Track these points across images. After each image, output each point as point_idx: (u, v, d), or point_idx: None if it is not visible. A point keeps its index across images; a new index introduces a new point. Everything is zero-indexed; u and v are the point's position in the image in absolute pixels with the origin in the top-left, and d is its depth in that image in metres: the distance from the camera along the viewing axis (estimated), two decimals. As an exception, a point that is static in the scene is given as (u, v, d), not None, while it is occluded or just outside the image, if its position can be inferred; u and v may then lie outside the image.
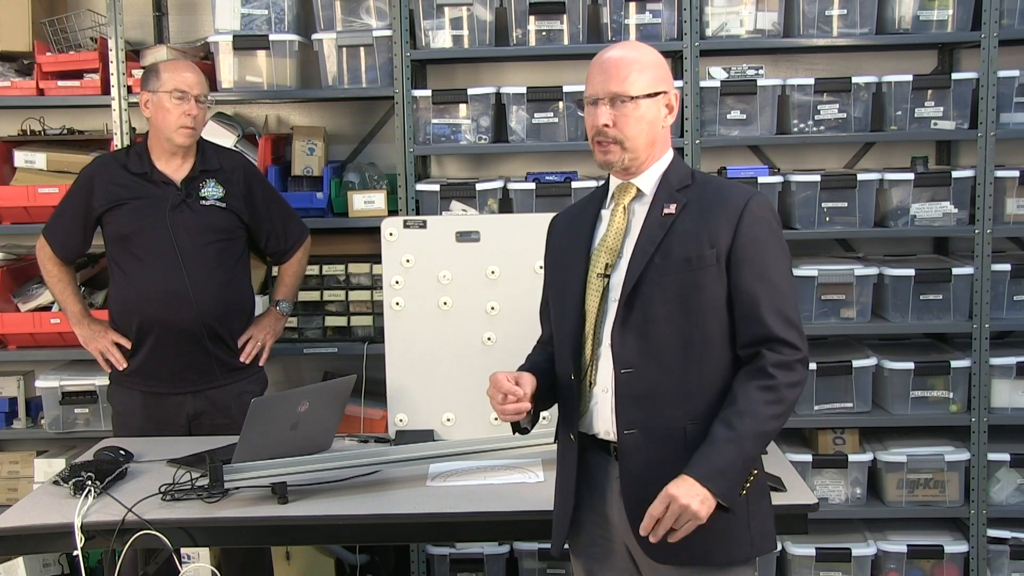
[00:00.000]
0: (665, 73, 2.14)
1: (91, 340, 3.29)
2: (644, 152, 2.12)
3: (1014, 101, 3.79)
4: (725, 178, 2.09)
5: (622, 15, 3.80)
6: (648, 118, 2.10)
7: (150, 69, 3.26)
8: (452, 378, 2.91)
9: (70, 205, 3.29)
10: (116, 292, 3.29)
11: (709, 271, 2.03)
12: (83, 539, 2.38)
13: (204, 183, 3.24)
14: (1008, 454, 3.85)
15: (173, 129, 3.17)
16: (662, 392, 2.05)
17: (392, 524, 2.46)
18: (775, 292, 2.03)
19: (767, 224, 2.06)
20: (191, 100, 3.16)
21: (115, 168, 3.25)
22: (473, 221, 2.96)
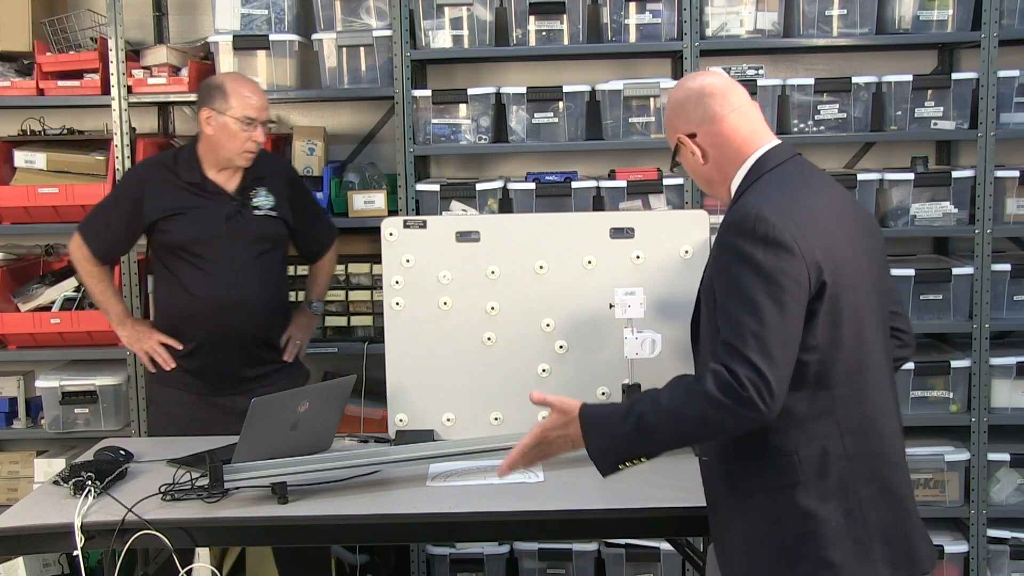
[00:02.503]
0: (671, 124, 2.11)
1: (135, 341, 3.30)
2: (712, 190, 2.14)
3: (1014, 101, 3.79)
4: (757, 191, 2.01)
5: (622, 15, 3.80)
6: (690, 169, 2.14)
7: (214, 86, 3.20)
8: (452, 378, 2.91)
9: (116, 208, 3.28)
10: (167, 297, 3.29)
11: (713, 301, 1.99)
12: (83, 539, 2.38)
13: (255, 192, 3.26)
14: (1008, 454, 3.85)
15: (236, 153, 3.18)
16: None
17: (392, 524, 2.46)
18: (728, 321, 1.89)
19: (730, 250, 1.92)
20: (258, 127, 3.17)
21: (165, 175, 3.24)
22: (473, 221, 2.96)
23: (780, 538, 1.97)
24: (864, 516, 1.96)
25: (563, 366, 2.90)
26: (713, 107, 2.06)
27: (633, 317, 2.68)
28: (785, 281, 1.87)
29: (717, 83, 2.08)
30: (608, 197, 3.82)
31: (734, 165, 2.06)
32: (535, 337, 2.90)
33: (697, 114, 2.07)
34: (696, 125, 2.07)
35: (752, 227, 1.90)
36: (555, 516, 2.45)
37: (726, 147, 2.06)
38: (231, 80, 3.22)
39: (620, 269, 2.87)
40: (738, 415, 1.84)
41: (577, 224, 2.93)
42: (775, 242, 1.88)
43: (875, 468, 1.99)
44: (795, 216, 1.92)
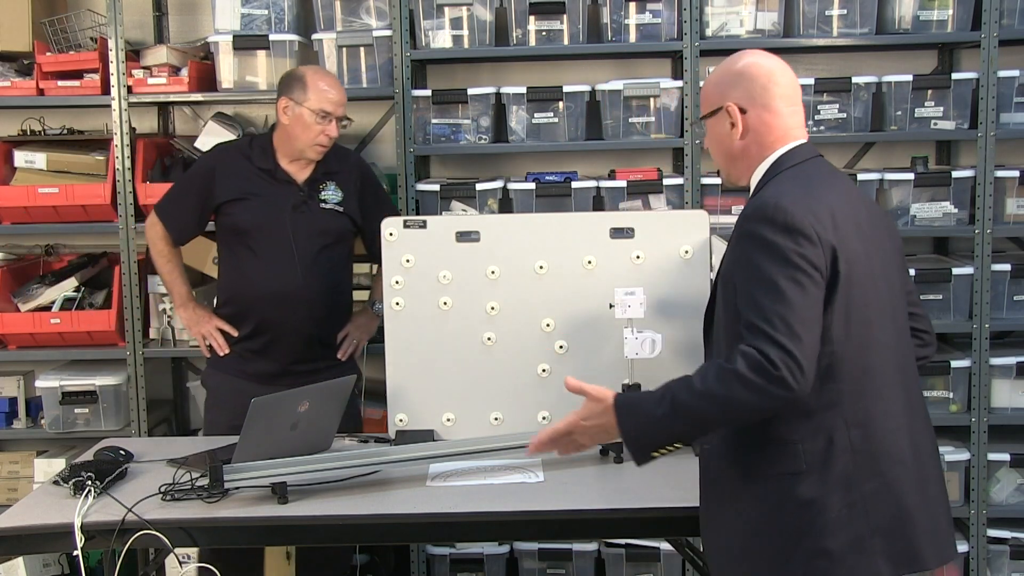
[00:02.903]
0: (722, 90, 2.12)
1: (195, 324, 3.34)
2: (728, 167, 2.18)
3: (1014, 101, 3.78)
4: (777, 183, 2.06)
5: (622, 15, 3.80)
6: (714, 138, 2.16)
7: (295, 77, 3.23)
8: (452, 378, 2.91)
9: (190, 189, 3.33)
10: (227, 282, 3.34)
11: (732, 290, 2.02)
12: (83, 539, 2.38)
13: (324, 185, 3.28)
14: (1008, 454, 3.85)
15: (308, 145, 3.20)
16: None
17: (392, 524, 2.46)
18: (752, 305, 1.93)
19: (750, 237, 1.96)
20: (333, 121, 3.18)
21: (239, 159, 3.28)
22: (473, 221, 2.96)
23: (779, 525, 1.99)
24: (865, 510, 1.97)
25: (563, 366, 2.89)
26: (774, 94, 2.10)
27: (633, 317, 2.68)
28: (805, 265, 1.91)
29: (786, 75, 2.13)
30: (608, 197, 3.82)
31: (761, 155, 2.11)
32: (535, 337, 2.90)
33: (757, 93, 2.09)
34: (750, 102, 2.10)
35: (771, 215, 1.94)
36: (555, 516, 2.45)
37: (765, 135, 2.10)
38: (312, 72, 3.24)
39: (620, 269, 2.87)
40: (770, 394, 1.87)
41: (577, 224, 2.93)
42: (794, 229, 1.93)
43: (879, 464, 2.00)
44: (812, 208, 1.96)
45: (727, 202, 3.83)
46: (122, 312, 3.88)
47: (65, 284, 3.97)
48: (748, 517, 2.03)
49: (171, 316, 3.97)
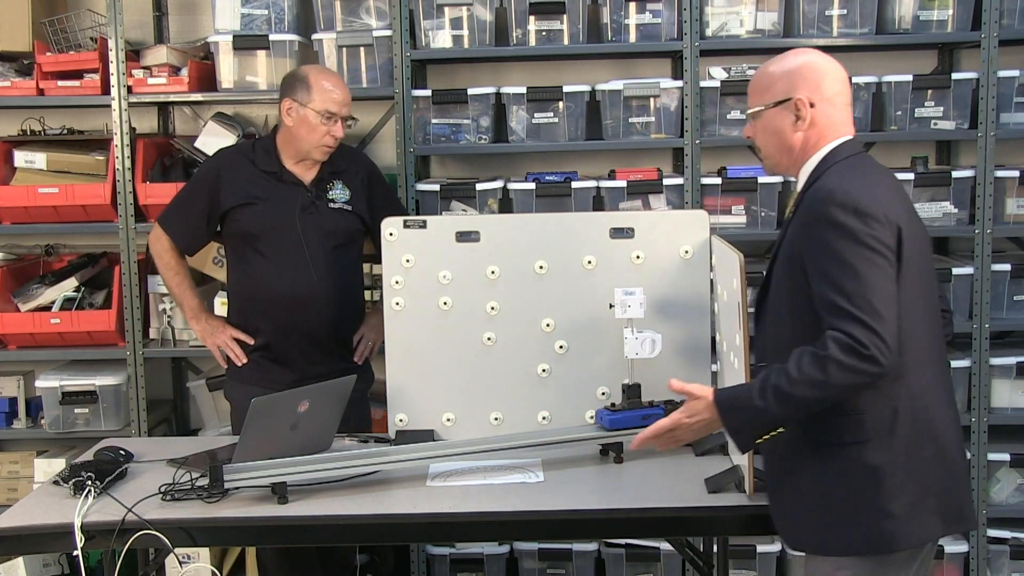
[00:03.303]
0: (790, 81, 2.24)
1: (209, 336, 3.30)
2: (780, 158, 2.30)
3: (1014, 101, 3.79)
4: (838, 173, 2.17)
5: (622, 15, 3.80)
6: (771, 128, 2.27)
7: (298, 77, 3.19)
8: (452, 378, 2.91)
9: (194, 197, 3.28)
10: (239, 290, 3.30)
11: (799, 275, 2.14)
12: (83, 539, 2.38)
13: (332, 185, 3.25)
14: (1008, 454, 3.85)
15: (314, 146, 3.17)
16: None
17: (392, 524, 2.46)
18: (833, 287, 2.04)
19: (827, 223, 2.08)
20: (339, 121, 3.15)
21: (243, 163, 3.24)
22: (473, 221, 2.96)
23: (846, 490, 2.13)
24: (924, 473, 2.13)
25: (563, 366, 2.90)
26: (838, 91, 2.25)
27: (633, 317, 2.68)
28: (878, 245, 2.06)
29: (844, 74, 2.28)
30: (608, 197, 3.82)
31: (816, 147, 2.24)
32: (535, 337, 2.90)
33: (826, 89, 2.23)
34: (819, 97, 2.22)
35: (842, 200, 2.08)
36: (555, 516, 2.45)
37: (823, 129, 2.24)
38: (315, 72, 3.20)
39: (620, 269, 2.87)
40: (864, 372, 2.01)
41: (577, 224, 2.93)
42: (865, 212, 2.06)
43: (934, 430, 2.16)
44: (876, 193, 2.12)
45: (727, 202, 3.83)
46: (122, 312, 3.88)
47: (65, 284, 3.97)
48: (817, 483, 2.16)
49: (171, 316, 3.97)
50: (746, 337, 2.41)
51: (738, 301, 2.42)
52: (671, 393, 2.80)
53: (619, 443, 2.72)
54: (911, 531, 2.12)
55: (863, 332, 1.99)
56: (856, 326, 2.00)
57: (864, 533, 2.12)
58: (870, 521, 2.11)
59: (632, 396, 2.73)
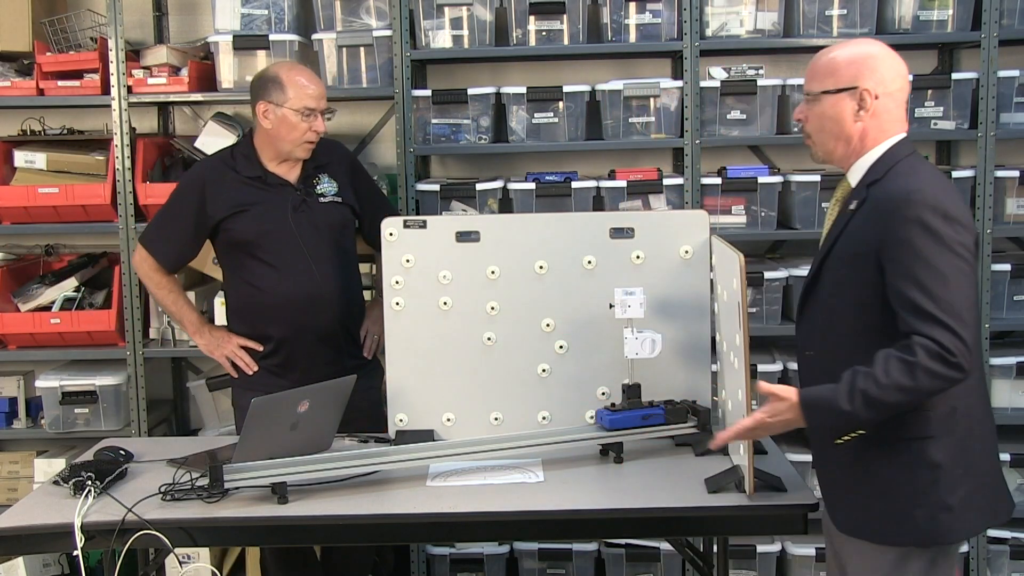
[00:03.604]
0: (857, 70, 2.23)
1: (215, 348, 3.25)
2: (834, 147, 2.29)
3: (1014, 101, 3.79)
4: (909, 171, 2.20)
5: (622, 15, 3.80)
6: (829, 115, 2.26)
7: (270, 79, 3.12)
8: (452, 378, 2.91)
9: (179, 213, 3.21)
10: (242, 299, 3.23)
11: (869, 269, 2.16)
12: (83, 539, 2.38)
13: (318, 180, 3.21)
14: (1008, 454, 3.84)
15: (296, 144, 3.12)
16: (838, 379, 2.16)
17: (392, 524, 2.46)
18: (920, 290, 2.07)
19: (915, 224, 2.10)
20: (318, 116, 3.11)
21: (225, 172, 3.18)
22: (473, 221, 2.96)
23: (908, 485, 2.19)
24: (976, 468, 2.21)
25: (563, 366, 2.90)
26: (901, 87, 2.26)
27: (633, 317, 2.68)
28: (964, 252, 2.11)
29: (907, 72, 2.29)
30: (608, 197, 3.82)
31: (876, 140, 2.25)
32: (535, 337, 2.90)
33: (890, 82, 2.24)
34: (884, 90, 2.23)
35: (932, 203, 2.10)
36: (555, 516, 2.45)
37: (883, 123, 2.25)
38: (286, 70, 3.14)
39: (620, 269, 2.87)
40: (950, 378, 2.08)
41: (577, 224, 2.93)
42: (953, 217, 2.10)
43: (983, 426, 2.26)
44: (957, 197, 2.17)
45: (727, 202, 3.83)
46: (122, 312, 3.88)
47: (65, 284, 3.97)
48: (877, 477, 2.22)
49: (171, 316, 3.97)
50: (746, 337, 2.41)
51: (738, 301, 2.42)
52: (671, 393, 2.82)
53: (619, 443, 2.72)
54: (965, 524, 2.21)
55: (950, 339, 2.05)
56: (944, 332, 2.05)
57: (924, 525, 2.18)
58: (930, 513, 2.17)
59: (632, 396, 2.73)
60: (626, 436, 2.71)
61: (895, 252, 2.11)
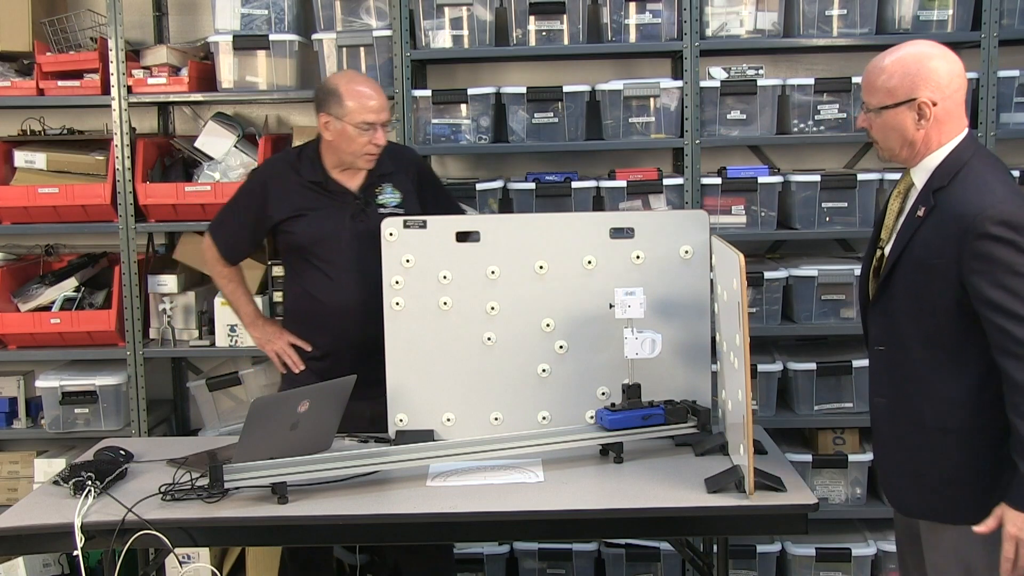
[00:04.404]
0: (912, 81, 2.27)
1: (266, 342, 3.26)
2: (901, 151, 2.35)
3: (1014, 101, 3.79)
4: (976, 183, 2.26)
5: (622, 15, 3.80)
6: (892, 125, 2.31)
7: (330, 91, 3.08)
8: (452, 378, 2.91)
9: (241, 208, 3.23)
10: (296, 301, 3.24)
11: (941, 278, 2.23)
12: (83, 539, 2.38)
13: (381, 189, 3.18)
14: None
15: (357, 156, 3.10)
16: (909, 379, 2.32)
17: (392, 524, 2.46)
18: (1011, 298, 2.14)
19: (992, 240, 2.16)
20: (378, 129, 3.07)
21: (288, 174, 3.17)
22: (473, 221, 2.96)
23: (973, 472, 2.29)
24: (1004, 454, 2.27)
25: (563, 366, 2.90)
26: (959, 88, 2.30)
27: (633, 317, 2.68)
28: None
29: (962, 67, 2.32)
30: (608, 197, 3.82)
31: (939, 141, 2.31)
32: (535, 337, 2.90)
33: (946, 86, 2.28)
34: (941, 96, 2.27)
35: (1004, 219, 2.16)
36: (555, 516, 2.45)
37: (945, 125, 2.30)
38: (346, 83, 3.09)
39: (620, 269, 2.87)
40: None
41: (577, 224, 2.93)
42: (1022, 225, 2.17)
43: None
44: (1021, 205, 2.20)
45: (727, 202, 3.83)
46: (122, 312, 3.88)
47: (65, 284, 3.97)
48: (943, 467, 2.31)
49: (171, 316, 3.97)
50: (746, 337, 2.41)
51: (738, 301, 2.42)
52: (671, 393, 2.82)
53: (619, 443, 2.72)
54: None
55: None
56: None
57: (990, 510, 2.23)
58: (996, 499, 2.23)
59: (632, 396, 2.73)
60: (626, 436, 2.72)
61: (978, 265, 2.18)
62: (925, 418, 2.31)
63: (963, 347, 2.25)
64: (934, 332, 2.28)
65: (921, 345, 2.30)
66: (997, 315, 2.16)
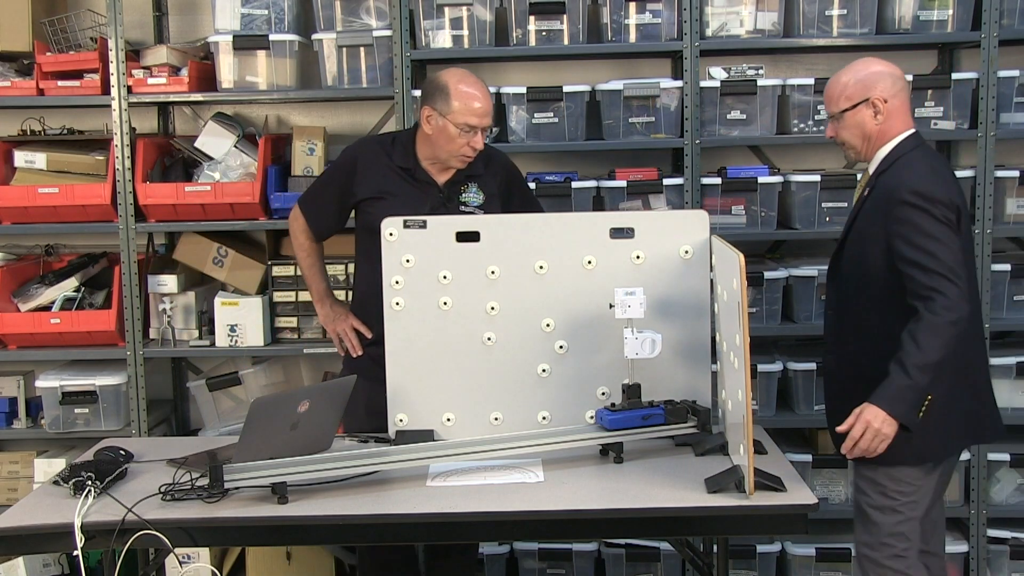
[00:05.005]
0: (864, 86, 2.75)
1: (330, 322, 3.29)
2: (863, 146, 2.80)
3: (1014, 101, 3.79)
4: (907, 165, 2.73)
5: (622, 15, 3.80)
6: (855, 123, 2.78)
7: (440, 86, 3.07)
8: (452, 378, 2.91)
9: (330, 183, 3.25)
10: (361, 282, 3.25)
11: (875, 244, 2.70)
12: (83, 539, 2.38)
13: (466, 188, 3.18)
14: (1008, 454, 3.85)
15: (453, 155, 3.09)
16: (854, 337, 2.78)
17: (392, 524, 2.46)
18: (920, 253, 2.58)
19: (908, 206, 2.62)
20: (478, 133, 3.06)
21: (380, 155, 3.18)
22: (473, 221, 2.96)
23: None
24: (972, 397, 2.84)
25: (563, 366, 2.90)
26: (903, 89, 2.79)
27: (633, 317, 2.68)
28: (950, 224, 2.62)
29: (903, 75, 2.81)
30: (608, 197, 3.82)
31: (889, 135, 2.77)
32: (535, 337, 2.90)
33: (895, 88, 2.77)
34: (890, 95, 2.75)
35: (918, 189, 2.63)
36: (555, 516, 2.45)
37: (894, 120, 2.76)
38: (456, 80, 3.08)
39: (620, 269, 2.87)
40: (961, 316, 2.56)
41: (577, 224, 2.93)
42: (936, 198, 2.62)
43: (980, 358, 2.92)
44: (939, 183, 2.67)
45: (727, 202, 3.83)
46: (122, 312, 3.88)
47: (65, 284, 3.97)
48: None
49: (171, 316, 3.97)
50: (746, 337, 2.41)
51: (738, 301, 2.42)
52: (671, 393, 2.82)
53: (619, 443, 2.72)
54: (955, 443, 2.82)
55: (953, 289, 2.55)
56: (949, 285, 2.55)
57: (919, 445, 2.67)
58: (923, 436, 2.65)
59: (632, 396, 2.73)
60: (626, 436, 2.71)
61: (898, 228, 2.63)
62: (865, 371, 2.69)
63: (896, 307, 2.64)
64: (875, 294, 2.72)
65: (864, 307, 2.75)
66: (910, 268, 2.60)
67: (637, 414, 2.71)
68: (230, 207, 3.85)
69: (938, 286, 2.56)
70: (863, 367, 2.71)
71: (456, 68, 3.19)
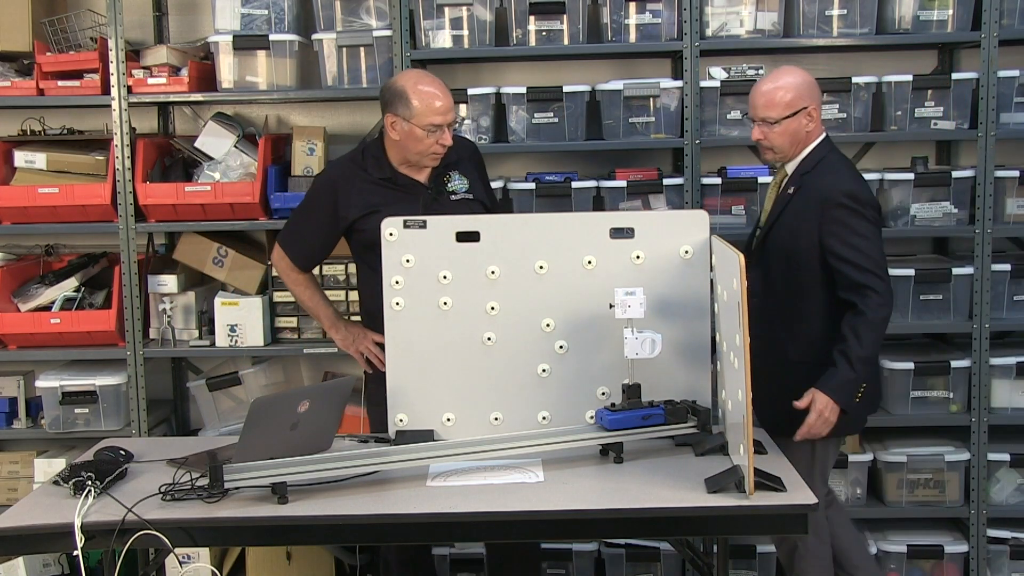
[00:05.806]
0: (801, 95, 3.01)
1: (350, 344, 3.26)
2: (791, 149, 3.06)
3: (1014, 101, 3.79)
4: (833, 168, 3.03)
5: (622, 15, 3.80)
6: (791, 131, 3.03)
7: (397, 92, 3.07)
8: (452, 378, 2.91)
9: (312, 214, 3.21)
10: (369, 299, 3.22)
11: (805, 239, 2.97)
12: (83, 539, 2.38)
13: (449, 177, 3.19)
14: (1008, 454, 3.85)
15: (424, 155, 3.10)
16: (776, 318, 3.03)
17: (392, 524, 2.46)
18: (855, 252, 2.90)
19: (843, 208, 2.92)
20: (445, 130, 3.07)
21: (356, 172, 3.16)
22: (473, 221, 2.96)
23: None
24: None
25: (563, 366, 2.90)
26: (819, 96, 3.09)
27: (633, 317, 2.68)
28: (877, 224, 2.98)
29: None
30: (608, 197, 3.82)
31: (809, 140, 3.07)
32: (535, 337, 2.90)
33: (820, 97, 3.09)
34: (816, 104, 3.05)
35: (854, 192, 2.95)
36: (555, 516, 2.45)
37: (816, 125, 3.06)
38: (413, 83, 3.07)
39: (620, 269, 2.87)
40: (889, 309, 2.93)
41: (577, 224, 2.93)
42: (868, 202, 2.98)
43: None
44: (863, 185, 3.05)
45: (727, 202, 3.83)
46: (122, 312, 3.88)
47: (65, 284, 3.97)
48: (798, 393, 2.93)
49: (171, 316, 3.97)
50: (746, 337, 2.41)
51: (738, 301, 2.42)
52: (671, 393, 2.82)
53: (619, 443, 2.72)
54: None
55: (883, 285, 2.89)
56: (874, 279, 2.89)
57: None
58: None
59: (632, 396, 2.73)
60: (626, 436, 2.71)
61: (832, 228, 2.93)
62: (789, 354, 3.03)
63: (820, 295, 2.98)
64: (800, 283, 3.01)
65: (789, 295, 3.03)
66: (843, 264, 2.91)
67: (637, 414, 2.71)
68: (230, 207, 3.85)
69: (869, 282, 2.89)
70: (787, 352, 3.03)
71: (410, 70, 3.24)
